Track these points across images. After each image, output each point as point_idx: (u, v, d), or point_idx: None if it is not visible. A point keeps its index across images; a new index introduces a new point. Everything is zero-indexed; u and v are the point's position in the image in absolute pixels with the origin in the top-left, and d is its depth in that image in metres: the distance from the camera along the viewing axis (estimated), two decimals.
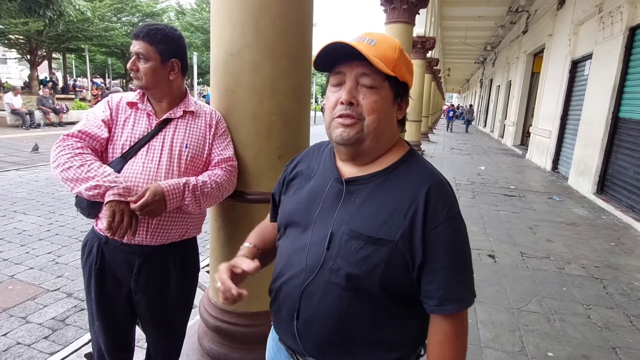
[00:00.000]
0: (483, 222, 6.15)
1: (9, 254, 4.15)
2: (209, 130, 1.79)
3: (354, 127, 0.98)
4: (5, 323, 2.97)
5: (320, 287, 1.01)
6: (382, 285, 0.98)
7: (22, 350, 2.67)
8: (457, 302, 0.99)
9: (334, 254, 1.00)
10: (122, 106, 1.69)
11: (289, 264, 1.08)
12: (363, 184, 1.04)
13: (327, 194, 1.06)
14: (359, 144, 1.01)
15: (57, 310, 3.17)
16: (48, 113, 16.05)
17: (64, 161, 1.49)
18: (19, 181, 7.23)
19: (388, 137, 1.06)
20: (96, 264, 1.68)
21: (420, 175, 1.03)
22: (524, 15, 15.95)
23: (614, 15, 7.81)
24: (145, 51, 1.60)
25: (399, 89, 1.03)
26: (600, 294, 3.88)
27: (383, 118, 1.01)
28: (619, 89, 7.57)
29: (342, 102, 0.98)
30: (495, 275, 4.20)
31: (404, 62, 1.02)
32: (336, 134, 1.01)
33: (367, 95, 0.98)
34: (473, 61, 31.97)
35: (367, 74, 0.98)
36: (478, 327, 3.22)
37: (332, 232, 1.01)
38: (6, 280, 3.60)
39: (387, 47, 0.99)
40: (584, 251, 5.03)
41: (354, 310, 1.01)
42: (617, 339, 3.14)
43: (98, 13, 25.70)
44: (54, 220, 5.29)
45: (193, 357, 2.27)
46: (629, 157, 7.12)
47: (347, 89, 0.98)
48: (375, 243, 0.97)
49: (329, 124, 1.03)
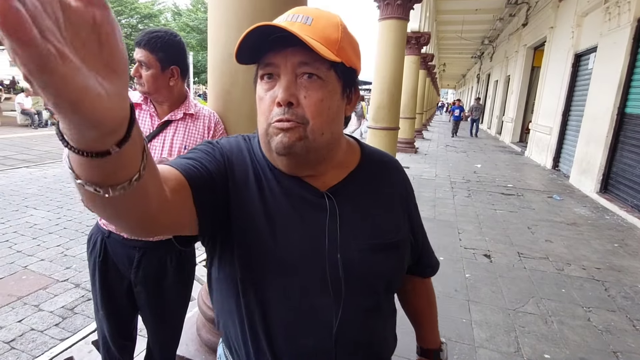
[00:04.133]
0: (479, 221, 6.14)
1: (22, 246, 4.60)
2: (207, 132, 1.94)
3: (295, 132, 0.81)
4: (21, 310, 3.32)
5: (355, 323, 0.90)
6: (401, 277, 1.06)
7: (35, 335, 3.01)
8: (436, 259, 1.21)
9: (361, 278, 0.90)
10: None
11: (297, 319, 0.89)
12: (344, 191, 0.93)
13: (309, 217, 0.90)
14: (307, 153, 0.84)
15: (66, 300, 3.51)
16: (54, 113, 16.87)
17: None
18: (29, 178, 7.89)
19: (338, 137, 0.92)
20: (100, 257, 1.88)
21: (385, 163, 1.05)
22: (524, 8, 16.04)
23: (621, 6, 7.84)
24: (146, 59, 1.75)
25: (346, 77, 0.86)
26: (602, 296, 3.86)
27: (331, 119, 0.85)
28: (625, 83, 7.60)
29: (280, 104, 0.80)
30: (491, 275, 4.18)
31: (349, 41, 0.85)
32: (276, 142, 0.82)
33: (310, 92, 0.81)
34: (470, 56, 32.21)
35: (308, 62, 0.80)
36: (472, 327, 3.22)
37: (340, 256, 0.88)
38: (20, 270, 4.01)
39: (327, 24, 0.82)
40: (585, 252, 5.02)
41: (385, 316, 1.01)
42: (618, 342, 3.12)
43: None
44: (62, 214, 5.78)
45: (192, 347, 2.43)
46: (635, 155, 7.15)
47: (284, 86, 0.80)
48: (395, 246, 0.96)
49: (265, 130, 0.84)
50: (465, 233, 5.53)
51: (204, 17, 33.18)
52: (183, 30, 34.52)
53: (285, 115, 0.80)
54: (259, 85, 0.86)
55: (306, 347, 0.88)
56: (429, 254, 1.17)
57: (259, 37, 0.77)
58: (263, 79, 0.84)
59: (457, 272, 4.21)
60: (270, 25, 0.74)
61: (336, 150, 0.93)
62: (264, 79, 0.84)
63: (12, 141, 12.25)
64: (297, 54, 0.79)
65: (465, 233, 5.52)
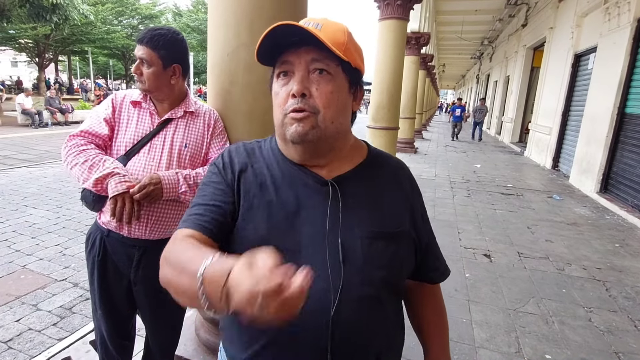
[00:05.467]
0: (478, 220, 6.13)
1: (20, 245, 4.62)
2: (207, 129, 1.94)
3: (308, 121, 0.91)
4: (19, 310, 3.32)
5: (352, 308, 0.91)
6: (404, 277, 1.06)
7: (33, 335, 3.00)
8: (446, 265, 1.19)
9: (361, 265, 0.93)
10: (125, 104, 1.84)
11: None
12: (350, 181, 1.00)
13: (314, 201, 0.97)
14: (318, 141, 0.94)
15: (64, 299, 3.51)
16: (55, 113, 17.40)
17: (71, 160, 1.68)
18: (29, 177, 7.97)
19: (347, 130, 1.02)
20: (99, 255, 1.86)
21: (391, 164, 1.11)
22: (524, 8, 16.04)
23: (621, 6, 7.84)
24: (148, 57, 1.73)
25: (353, 76, 0.98)
26: (603, 296, 3.84)
27: (340, 110, 0.96)
28: (625, 83, 7.60)
29: (294, 95, 0.91)
30: (491, 275, 4.17)
31: (354, 46, 0.97)
32: (291, 132, 0.92)
33: (321, 85, 0.92)
34: (469, 56, 32.20)
35: (319, 59, 0.91)
36: (472, 327, 3.21)
37: (341, 241, 0.93)
38: (19, 270, 4.01)
39: (335, 29, 0.93)
40: (585, 252, 5.01)
41: (390, 313, 1.02)
42: (620, 343, 3.10)
43: (100, 17, 28.57)
44: (61, 214, 5.81)
45: (190, 347, 2.43)
46: (635, 155, 7.15)
47: (298, 79, 0.91)
48: (395, 237, 0.99)
49: (282, 121, 0.95)
50: (465, 233, 5.51)
51: (204, 18, 33.75)
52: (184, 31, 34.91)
53: (299, 104, 0.91)
54: (275, 83, 0.97)
55: (303, 330, 0.90)
56: (435, 256, 1.15)
57: (278, 38, 0.89)
58: (279, 77, 0.96)
59: (457, 272, 4.19)
60: (290, 25, 0.86)
61: (343, 142, 1.03)
62: (280, 76, 0.95)
63: (12, 141, 12.37)
64: (310, 52, 0.91)
65: (465, 233, 5.51)
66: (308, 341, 0.91)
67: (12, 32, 22.26)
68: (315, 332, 0.90)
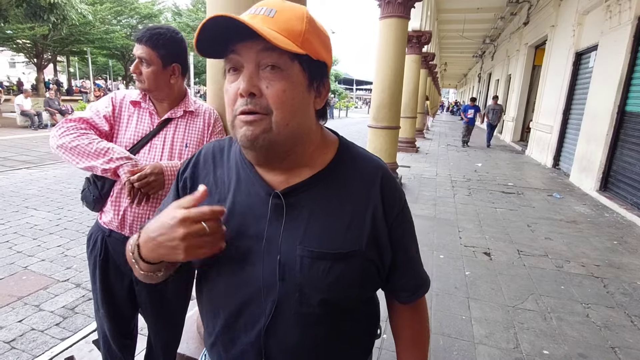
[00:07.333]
0: (479, 219, 6.17)
1: (22, 246, 4.64)
2: (207, 129, 1.94)
3: (259, 124, 0.80)
4: (21, 310, 3.35)
5: (288, 323, 0.89)
6: (357, 299, 0.97)
7: (36, 335, 3.03)
8: (425, 285, 1.06)
9: (298, 283, 0.87)
10: (125, 104, 1.84)
11: (234, 306, 0.92)
12: (304, 192, 0.90)
13: (259, 212, 0.90)
14: (271, 146, 0.83)
15: (66, 300, 3.54)
16: (54, 114, 17.26)
17: (70, 140, 1.64)
18: (30, 179, 7.97)
19: (307, 131, 0.89)
20: (100, 255, 1.87)
21: (365, 169, 0.96)
22: (525, 6, 16.04)
23: (622, 4, 7.86)
24: (147, 56, 1.72)
25: (313, 69, 0.84)
26: (601, 293, 3.89)
27: (296, 110, 0.83)
28: (625, 81, 7.62)
29: (242, 95, 0.80)
30: (491, 273, 4.21)
31: (316, 34, 0.83)
32: (240, 135, 0.82)
33: (272, 82, 0.79)
34: (471, 55, 32.13)
35: (269, 54, 0.79)
36: (472, 323, 3.26)
37: (280, 259, 0.87)
38: (20, 271, 4.04)
39: (291, 16, 0.80)
40: (584, 249, 5.05)
41: (333, 330, 0.95)
42: (616, 338, 3.15)
43: (99, 16, 28.07)
44: (62, 215, 5.83)
45: (192, 345, 2.44)
46: (635, 153, 7.17)
47: (247, 77, 0.79)
48: (344, 258, 0.88)
49: (232, 123, 0.84)
50: (466, 231, 5.56)
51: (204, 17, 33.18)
52: (183, 31, 34.47)
53: (248, 106, 0.80)
54: (226, 77, 0.86)
55: (241, 345, 0.93)
56: (410, 275, 1.02)
57: (222, 30, 0.77)
58: (229, 72, 0.85)
59: (457, 270, 4.24)
60: (227, 17, 0.74)
61: (304, 146, 0.90)
62: (230, 72, 0.84)
63: (12, 142, 12.37)
64: (258, 46, 0.78)
65: (465, 231, 5.55)
66: (247, 349, 0.93)
67: (9, 32, 22.12)
68: (250, 342, 0.91)
